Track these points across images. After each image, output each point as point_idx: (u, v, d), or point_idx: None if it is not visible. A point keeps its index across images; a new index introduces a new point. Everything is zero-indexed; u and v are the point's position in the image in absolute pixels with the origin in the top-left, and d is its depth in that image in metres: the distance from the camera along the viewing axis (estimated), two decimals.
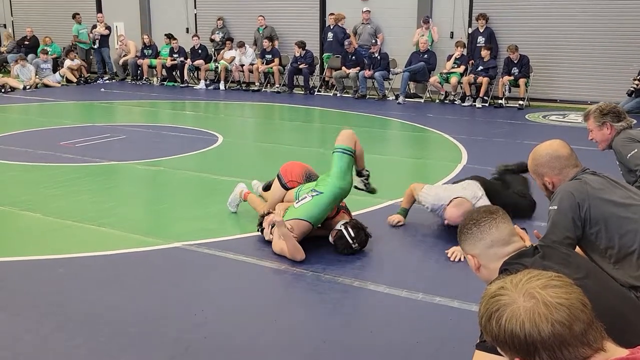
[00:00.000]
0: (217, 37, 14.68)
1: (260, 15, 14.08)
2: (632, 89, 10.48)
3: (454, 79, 11.80)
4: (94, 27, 15.60)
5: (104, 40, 15.55)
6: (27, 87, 13.96)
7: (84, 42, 15.79)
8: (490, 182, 5.15)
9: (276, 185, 4.89)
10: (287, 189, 4.78)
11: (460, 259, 4.25)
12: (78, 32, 15.76)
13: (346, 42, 12.85)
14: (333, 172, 4.50)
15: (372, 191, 4.97)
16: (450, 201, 4.67)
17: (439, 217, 4.86)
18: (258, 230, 4.66)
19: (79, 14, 15.78)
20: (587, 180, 2.73)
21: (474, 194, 4.74)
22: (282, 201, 4.79)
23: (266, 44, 13.64)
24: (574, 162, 2.82)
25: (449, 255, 4.35)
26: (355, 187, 4.83)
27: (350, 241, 4.32)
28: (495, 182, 5.23)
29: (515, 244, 2.07)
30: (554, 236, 2.67)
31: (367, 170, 4.89)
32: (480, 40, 12.04)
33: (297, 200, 4.50)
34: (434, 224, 4.99)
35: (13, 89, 13.78)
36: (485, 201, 4.69)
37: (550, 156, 2.81)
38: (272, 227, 4.44)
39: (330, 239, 4.45)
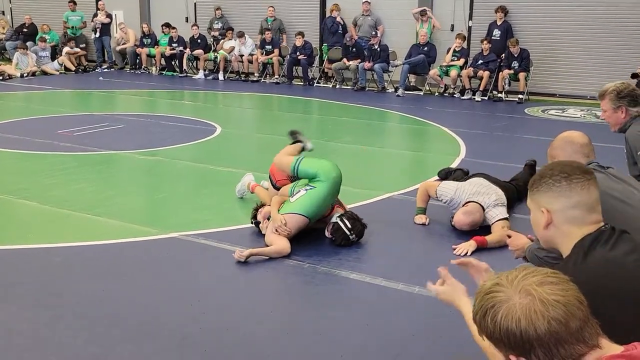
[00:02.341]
0: (216, 26, 14.63)
1: (271, 6, 14.02)
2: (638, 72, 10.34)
3: (453, 72, 11.77)
4: (95, 15, 15.53)
5: (105, 28, 15.48)
6: (25, 75, 13.91)
7: (70, 27, 15.71)
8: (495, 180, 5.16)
9: (270, 184, 4.95)
10: (277, 188, 4.79)
11: (467, 253, 4.15)
12: (67, 18, 15.72)
13: (347, 36, 12.81)
14: (321, 165, 4.52)
15: None
16: (465, 204, 4.68)
17: (452, 210, 4.84)
18: (252, 223, 4.65)
19: (73, 2, 15.72)
20: None
21: (490, 201, 4.71)
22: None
23: (267, 34, 13.60)
24: (585, 152, 2.87)
25: (456, 251, 4.24)
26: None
27: (348, 232, 4.32)
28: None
29: (597, 215, 1.87)
30: None
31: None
32: (496, 33, 11.90)
33: (292, 195, 4.49)
34: (432, 217, 4.98)
35: (10, 76, 13.73)
36: (497, 209, 4.69)
37: (565, 140, 2.91)
38: (268, 219, 4.44)
39: (327, 233, 4.45)
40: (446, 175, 5.79)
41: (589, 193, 1.85)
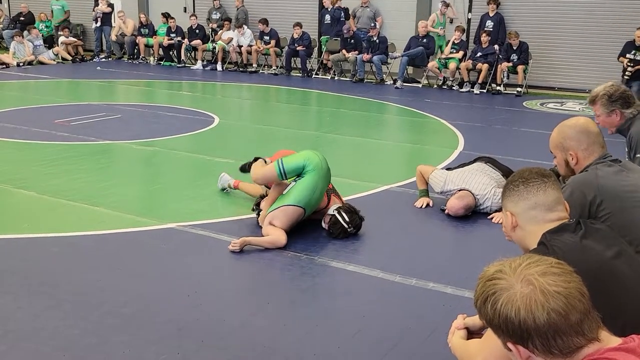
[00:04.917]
0: (215, 17, 14.57)
1: None
2: (626, 77, 10.38)
3: (452, 65, 11.74)
4: (96, 4, 15.45)
5: (106, 18, 15.40)
6: (22, 64, 13.86)
7: (51, 20, 15.68)
8: (500, 163, 5.19)
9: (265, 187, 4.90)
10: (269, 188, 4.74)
11: (499, 222, 4.44)
12: (52, 7, 15.68)
13: (344, 28, 12.76)
14: (304, 155, 4.47)
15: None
16: (457, 192, 4.82)
17: (446, 199, 4.92)
18: (253, 211, 4.65)
19: None
20: (599, 174, 2.63)
21: (484, 192, 4.80)
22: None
23: (262, 26, 13.56)
24: (601, 141, 2.75)
25: (493, 220, 4.66)
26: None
27: (346, 225, 4.31)
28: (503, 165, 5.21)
29: (559, 213, 1.99)
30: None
31: None
32: (489, 24, 11.92)
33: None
34: (430, 210, 4.99)
35: (7, 65, 13.66)
36: (492, 199, 4.77)
37: (580, 130, 2.76)
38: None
39: (324, 225, 4.44)
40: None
41: (545, 194, 1.99)
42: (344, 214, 4.34)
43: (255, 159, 4.94)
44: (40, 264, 3.85)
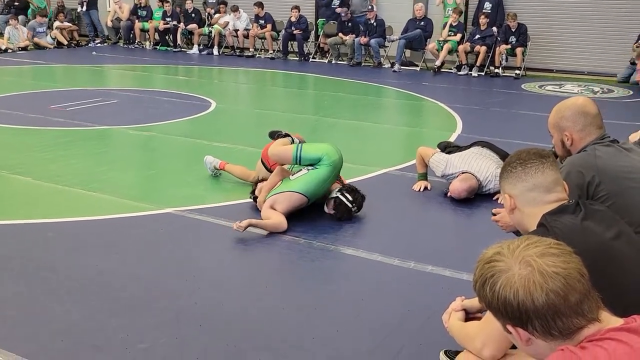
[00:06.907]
0: (211, 0, 14.46)
1: None
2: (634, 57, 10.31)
3: (446, 46, 11.62)
4: None
5: (92, 2, 15.25)
6: (18, 49, 13.76)
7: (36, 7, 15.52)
8: (497, 147, 5.14)
9: (263, 169, 4.87)
10: (271, 171, 4.70)
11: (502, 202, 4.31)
12: None
13: (342, 12, 12.66)
14: (324, 148, 4.43)
15: None
16: (460, 174, 4.77)
17: (448, 182, 4.89)
18: (250, 198, 4.63)
19: None
20: (598, 154, 2.58)
21: (486, 174, 4.76)
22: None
23: (257, 9, 13.45)
24: (598, 123, 2.69)
25: (499, 201, 4.38)
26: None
27: (350, 205, 4.32)
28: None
29: (557, 194, 1.97)
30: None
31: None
32: (487, 6, 11.82)
33: (293, 174, 4.46)
34: (428, 193, 4.97)
35: (6, 49, 13.56)
36: (494, 180, 4.72)
37: (577, 111, 2.70)
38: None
39: (326, 209, 4.42)
40: (444, 148, 5.77)
41: (544, 175, 1.96)
42: (346, 194, 4.34)
43: (286, 135, 4.79)
44: (38, 250, 3.84)
